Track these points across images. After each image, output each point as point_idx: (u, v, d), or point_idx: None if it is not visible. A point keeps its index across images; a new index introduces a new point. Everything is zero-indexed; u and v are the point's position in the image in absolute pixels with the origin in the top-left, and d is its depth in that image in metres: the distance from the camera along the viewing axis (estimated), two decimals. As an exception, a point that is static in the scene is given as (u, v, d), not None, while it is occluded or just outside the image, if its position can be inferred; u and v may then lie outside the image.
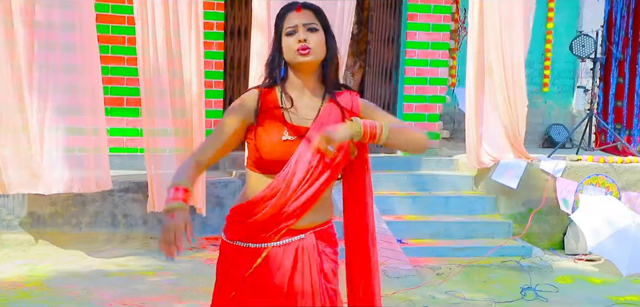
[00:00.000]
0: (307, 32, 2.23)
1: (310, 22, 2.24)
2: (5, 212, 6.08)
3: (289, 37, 2.23)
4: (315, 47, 2.23)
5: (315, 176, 2.21)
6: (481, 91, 6.85)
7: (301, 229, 2.25)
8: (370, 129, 2.20)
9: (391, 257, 5.68)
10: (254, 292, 2.23)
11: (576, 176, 6.88)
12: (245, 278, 2.24)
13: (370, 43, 8.21)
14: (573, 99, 9.87)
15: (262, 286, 2.23)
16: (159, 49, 5.82)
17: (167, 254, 2.09)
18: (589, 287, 5.67)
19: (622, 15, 8.91)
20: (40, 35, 5.41)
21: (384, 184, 7.07)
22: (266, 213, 2.21)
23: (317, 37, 2.24)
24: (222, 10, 7.32)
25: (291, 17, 2.25)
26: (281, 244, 2.24)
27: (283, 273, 2.23)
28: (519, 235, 6.68)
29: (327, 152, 2.15)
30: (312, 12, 2.27)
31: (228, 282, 2.27)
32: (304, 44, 2.21)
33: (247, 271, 2.23)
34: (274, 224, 2.22)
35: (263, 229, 2.23)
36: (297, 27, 2.23)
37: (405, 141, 2.33)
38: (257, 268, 2.23)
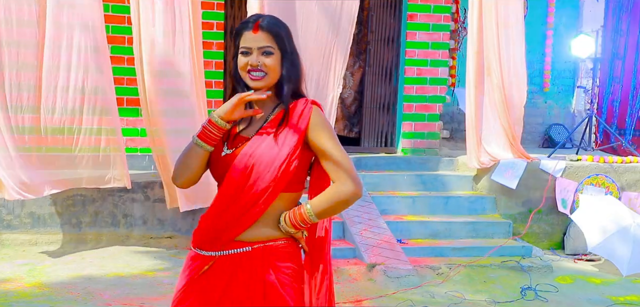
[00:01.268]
0: (261, 55, 2.17)
1: (266, 46, 2.18)
2: (5, 212, 6.08)
3: (243, 57, 2.19)
4: (269, 71, 2.18)
5: (250, 189, 2.17)
6: (481, 91, 6.86)
7: (249, 241, 2.20)
8: (296, 221, 2.20)
9: (391, 257, 5.68)
10: (195, 298, 2.25)
11: (576, 176, 6.89)
12: (195, 282, 2.25)
13: (370, 43, 8.21)
14: (573, 99, 9.87)
15: (208, 293, 2.23)
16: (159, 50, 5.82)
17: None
18: (589, 287, 5.67)
19: (621, 16, 8.93)
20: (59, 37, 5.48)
21: (384, 184, 7.08)
22: (212, 223, 2.23)
23: (271, 60, 2.18)
24: (222, 10, 7.33)
25: (246, 37, 2.19)
26: (227, 254, 2.21)
27: (226, 283, 2.21)
28: (519, 235, 6.68)
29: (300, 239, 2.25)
30: (268, 34, 2.19)
31: (181, 283, 2.30)
32: (255, 67, 2.17)
33: (195, 275, 2.25)
34: (217, 235, 2.21)
35: (210, 238, 2.23)
36: (251, 49, 2.18)
37: (334, 209, 2.22)
38: (205, 274, 2.24)
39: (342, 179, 2.19)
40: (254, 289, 2.18)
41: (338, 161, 2.20)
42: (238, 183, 2.17)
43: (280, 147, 2.17)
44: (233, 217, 2.19)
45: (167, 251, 6.03)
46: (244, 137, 2.23)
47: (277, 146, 2.17)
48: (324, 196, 2.21)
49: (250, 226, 2.19)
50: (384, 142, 8.14)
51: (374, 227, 6.17)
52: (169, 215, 6.37)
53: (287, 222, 2.21)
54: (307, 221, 2.20)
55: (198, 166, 2.24)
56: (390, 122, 8.09)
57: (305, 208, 2.19)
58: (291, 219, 2.20)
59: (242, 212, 2.18)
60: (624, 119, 9.06)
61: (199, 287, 2.25)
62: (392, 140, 8.11)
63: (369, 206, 6.52)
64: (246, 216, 2.18)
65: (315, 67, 6.06)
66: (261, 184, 2.16)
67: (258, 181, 2.16)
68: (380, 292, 5.14)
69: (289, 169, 2.18)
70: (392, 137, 8.11)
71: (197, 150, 2.21)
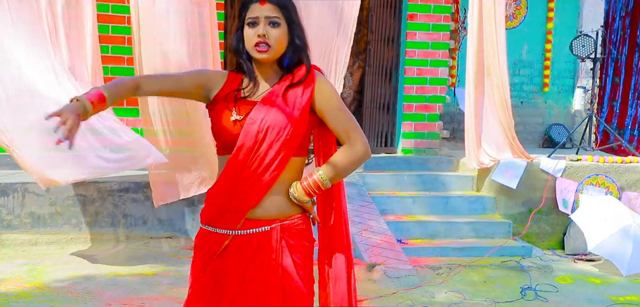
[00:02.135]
0: (268, 26, 2.18)
1: (273, 16, 2.19)
2: (5, 212, 6.08)
3: (250, 29, 2.20)
4: (275, 43, 2.19)
5: (263, 150, 2.16)
6: (480, 91, 6.86)
7: (266, 219, 2.20)
8: (311, 188, 2.21)
9: (391, 257, 5.68)
10: (214, 277, 2.22)
11: (576, 176, 6.89)
12: (213, 261, 2.23)
13: (370, 43, 8.21)
14: (573, 99, 9.87)
15: (222, 272, 2.21)
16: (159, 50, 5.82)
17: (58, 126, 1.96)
18: (589, 287, 5.67)
19: (621, 16, 8.93)
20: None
21: (384, 184, 7.08)
22: (224, 196, 2.19)
23: (277, 32, 2.19)
24: (222, 10, 7.32)
25: (254, 8, 2.20)
26: (245, 233, 2.20)
27: (241, 263, 2.20)
28: (519, 235, 6.68)
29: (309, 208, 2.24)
30: (275, 5, 2.20)
31: (198, 264, 2.28)
32: (263, 38, 2.17)
33: (214, 254, 2.22)
34: (231, 208, 2.18)
35: (223, 213, 2.20)
36: (258, 19, 2.19)
37: (346, 171, 2.27)
38: (223, 254, 2.21)
39: (353, 140, 2.26)
40: (273, 272, 2.19)
41: (348, 122, 2.26)
42: (250, 149, 2.15)
43: (290, 110, 2.18)
44: (246, 185, 2.16)
45: (167, 251, 6.03)
46: (251, 102, 2.22)
47: (287, 110, 2.18)
48: (335, 159, 2.26)
49: (264, 198, 2.18)
50: (384, 142, 8.13)
51: (374, 227, 6.17)
52: (169, 215, 6.37)
53: (299, 190, 2.21)
54: (321, 187, 2.22)
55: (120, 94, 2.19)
56: (390, 122, 8.09)
57: (318, 174, 2.21)
58: (305, 187, 2.20)
59: (255, 180, 2.16)
60: (624, 119, 9.06)
61: (220, 268, 2.21)
62: (392, 140, 8.11)
63: (369, 206, 6.52)
64: (259, 184, 2.16)
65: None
66: (274, 149, 2.16)
67: (271, 145, 2.16)
68: (380, 292, 5.14)
69: (299, 133, 2.20)
70: (392, 137, 8.11)
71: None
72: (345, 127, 2.25)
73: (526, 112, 9.93)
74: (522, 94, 9.95)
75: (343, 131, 2.25)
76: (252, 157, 2.15)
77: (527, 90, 9.99)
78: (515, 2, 9.71)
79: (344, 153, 2.26)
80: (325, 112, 2.25)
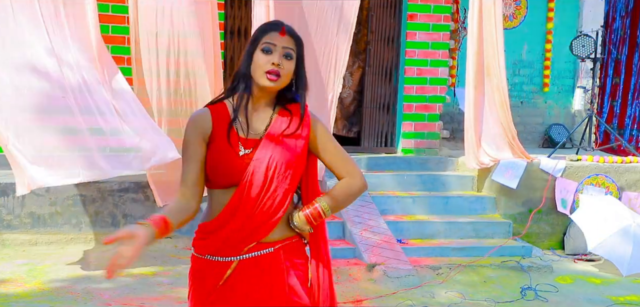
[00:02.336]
0: (283, 57, 2.20)
1: (290, 48, 2.22)
2: (5, 212, 6.08)
3: (263, 54, 2.20)
4: (284, 76, 2.21)
5: (273, 187, 2.20)
6: (480, 91, 6.86)
7: (270, 242, 2.24)
8: (313, 217, 2.25)
9: (391, 257, 5.68)
10: (222, 303, 2.24)
11: (576, 176, 6.89)
12: (217, 289, 2.24)
13: (370, 43, 8.21)
14: (573, 99, 9.87)
15: (231, 298, 2.23)
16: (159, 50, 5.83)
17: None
18: (589, 287, 5.67)
19: (621, 16, 8.93)
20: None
21: (384, 184, 7.08)
22: (230, 229, 2.20)
23: (289, 65, 2.22)
24: (222, 10, 7.32)
25: (273, 36, 2.21)
26: (250, 257, 2.23)
27: (250, 286, 2.23)
28: (519, 235, 6.68)
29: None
30: (293, 39, 2.24)
31: (201, 293, 2.28)
32: (276, 68, 2.18)
33: (218, 282, 2.24)
34: (240, 239, 2.21)
35: (230, 244, 2.22)
36: (276, 48, 2.20)
37: (345, 202, 2.35)
38: (227, 280, 2.23)
39: (353, 174, 2.33)
40: (281, 292, 2.24)
41: (346, 157, 2.34)
42: (261, 185, 2.18)
43: (293, 148, 2.23)
44: (257, 220, 2.19)
45: (167, 251, 6.02)
46: (253, 139, 2.23)
47: (291, 148, 2.23)
48: (336, 191, 2.31)
49: (273, 229, 2.23)
50: (384, 142, 8.14)
51: (374, 227, 6.17)
52: (169, 215, 6.36)
53: (302, 219, 2.25)
54: (322, 216, 2.27)
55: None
56: (390, 122, 8.09)
57: (321, 204, 2.26)
58: (307, 215, 2.25)
59: (268, 216, 2.20)
60: (624, 119, 9.06)
61: (227, 293, 2.23)
62: (392, 140, 8.11)
63: (369, 206, 6.52)
64: (271, 219, 2.21)
65: (316, 67, 6.06)
66: (283, 186, 2.21)
67: (281, 182, 2.20)
68: (380, 292, 5.14)
69: (301, 169, 2.27)
70: (392, 137, 8.11)
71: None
72: (344, 163, 2.33)
73: (526, 112, 9.93)
74: (522, 94, 9.95)
75: (342, 166, 2.33)
76: (263, 193, 2.18)
77: (527, 90, 9.99)
78: (515, 2, 9.71)
79: (346, 185, 2.33)
80: (322, 150, 2.31)
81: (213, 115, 2.23)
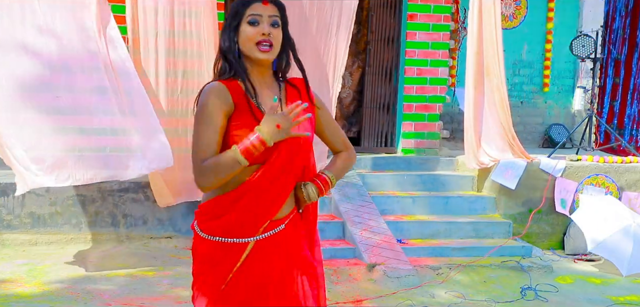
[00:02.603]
0: (271, 26, 2.19)
1: (275, 15, 2.20)
2: (5, 212, 6.09)
3: (250, 26, 2.17)
4: (276, 44, 2.20)
5: (296, 164, 2.23)
6: (480, 91, 6.86)
7: (280, 219, 2.24)
8: (324, 186, 2.31)
9: (391, 257, 5.68)
10: (245, 285, 2.20)
11: (576, 176, 6.89)
12: (234, 273, 2.20)
13: (370, 43, 8.21)
14: (573, 99, 9.87)
15: (252, 279, 2.20)
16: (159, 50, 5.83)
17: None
18: (589, 287, 5.67)
19: (621, 16, 8.93)
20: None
21: (384, 184, 7.08)
22: (244, 207, 2.16)
23: (278, 32, 2.21)
24: (222, 11, 7.32)
25: (256, 7, 2.18)
26: (266, 236, 2.21)
27: (273, 264, 2.21)
28: (519, 235, 6.68)
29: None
30: (276, 6, 2.22)
31: (216, 279, 2.23)
32: (267, 38, 2.17)
33: (234, 266, 2.20)
34: (255, 219, 2.18)
35: (243, 224, 2.17)
36: (262, 18, 2.18)
37: (343, 173, 2.45)
38: (245, 261, 2.19)
39: (349, 148, 2.47)
40: (303, 261, 2.30)
41: (341, 132, 2.47)
42: (286, 160, 2.18)
43: (306, 123, 2.23)
44: (273, 198, 2.19)
45: (167, 251, 6.03)
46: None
47: (307, 124, 2.24)
48: (339, 163, 2.41)
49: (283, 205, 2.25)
50: (384, 142, 8.14)
51: (374, 227, 6.17)
52: (169, 215, 6.38)
53: (314, 191, 2.28)
54: (330, 186, 2.35)
55: (232, 176, 2.15)
56: (390, 122, 8.09)
57: (329, 176, 2.33)
58: (319, 185, 2.30)
59: (282, 191, 2.21)
60: (624, 119, 9.05)
61: (247, 275, 2.20)
62: (392, 140, 8.11)
63: (369, 206, 6.52)
64: (284, 194, 2.22)
65: (315, 66, 6.06)
66: (300, 161, 2.25)
67: (298, 157, 2.23)
68: (380, 292, 5.14)
69: (312, 143, 2.33)
70: (392, 137, 8.11)
71: (238, 165, 2.11)
72: (341, 137, 2.45)
73: (526, 112, 9.93)
74: (522, 94, 9.96)
75: (340, 140, 2.44)
76: (286, 169, 2.19)
77: (527, 90, 9.99)
78: (515, 2, 9.71)
79: (346, 158, 2.44)
80: (325, 125, 2.40)
81: (230, 90, 2.18)
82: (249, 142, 2.08)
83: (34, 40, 5.25)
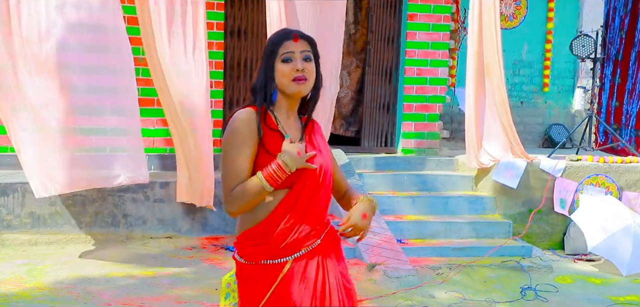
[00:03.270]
0: (303, 61, 2.31)
1: (307, 50, 2.33)
2: (5, 212, 6.08)
3: (285, 64, 2.30)
4: (310, 77, 2.32)
5: (323, 194, 2.35)
6: (481, 91, 6.86)
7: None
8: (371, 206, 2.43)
9: (391, 257, 5.67)
10: (283, 300, 2.30)
11: (576, 176, 6.89)
12: (274, 290, 2.30)
13: (370, 43, 8.21)
14: (573, 99, 9.87)
15: (290, 296, 2.30)
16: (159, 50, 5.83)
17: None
18: (589, 287, 5.67)
19: (621, 16, 8.93)
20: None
21: (384, 184, 7.08)
22: (285, 233, 2.28)
23: (311, 66, 2.33)
24: (222, 10, 7.33)
25: (288, 45, 2.31)
26: (302, 253, 2.32)
27: (310, 280, 2.32)
28: (519, 235, 6.68)
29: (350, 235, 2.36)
30: (307, 42, 2.35)
31: (253, 294, 2.34)
32: (301, 73, 2.29)
33: (272, 284, 2.30)
34: (296, 242, 2.30)
35: (286, 247, 2.29)
36: (294, 55, 2.30)
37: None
38: (283, 279, 2.30)
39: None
40: (338, 277, 2.39)
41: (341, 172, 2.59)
42: (314, 188, 2.32)
43: (327, 153, 2.43)
44: (312, 222, 2.32)
45: (167, 251, 6.03)
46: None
47: (326, 153, 2.43)
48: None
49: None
50: (384, 142, 8.13)
51: (374, 227, 6.17)
52: (169, 215, 6.38)
53: (374, 202, 2.45)
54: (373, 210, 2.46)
55: (259, 202, 2.28)
56: (390, 122, 8.09)
57: (369, 196, 2.46)
58: (367, 206, 2.41)
59: (319, 209, 2.35)
60: (624, 119, 9.05)
61: (284, 292, 2.30)
62: (392, 140, 8.11)
63: (369, 206, 6.51)
64: (322, 212, 2.37)
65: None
66: (329, 186, 2.40)
67: (329, 185, 2.40)
68: (380, 292, 5.14)
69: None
70: (392, 137, 8.11)
71: (263, 191, 2.24)
72: (345, 179, 2.59)
73: (526, 112, 9.93)
74: (522, 94, 9.96)
75: (345, 182, 2.56)
76: (317, 196, 2.33)
77: (527, 90, 9.99)
78: (515, 2, 9.71)
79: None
80: (334, 166, 2.51)
81: (260, 118, 2.30)
82: (271, 169, 2.23)
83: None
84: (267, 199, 2.28)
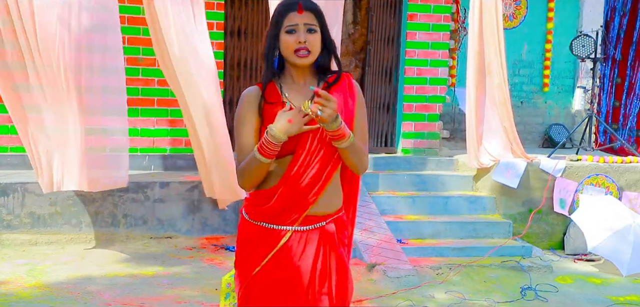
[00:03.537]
0: (307, 33, 2.32)
1: (311, 23, 2.33)
2: (5, 212, 6.09)
3: (289, 35, 2.32)
4: (313, 49, 2.34)
5: (314, 156, 2.33)
6: (481, 91, 6.86)
7: (321, 215, 2.38)
8: (345, 126, 2.32)
9: (391, 257, 5.68)
10: (276, 271, 2.36)
11: (576, 176, 6.89)
12: (272, 256, 2.36)
13: (370, 43, 8.21)
14: (573, 99, 9.88)
15: (284, 266, 2.36)
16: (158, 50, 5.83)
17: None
18: (589, 287, 5.67)
19: (621, 15, 8.92)
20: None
21: (384, 184, 7.08)
22: (283, 196, 2.33)
23: (314, 38, 2.34)
24: (222, 10, 7.33)
25: (292, 17, 2.32)
26: (304, 230, 2.37)
27: (307, 258, 2.36)
28: (519, 235, 6.68)
29: (315, 112, 2.21)
30: (312, 13, 2.35)
31: (251, 259, 2.39)
32: (303, 45, 2.31)
33: (272, 250, 2.35)
34: (291, 209, 2.34)
35: (282, 213, 2.34)
36: (298, 27, 2.32)
37: (356, 157, 2.39)
38: (281, 248, 2.35)
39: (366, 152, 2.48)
40: (338, 260, 2.41)
41: (365, 135, 2.46)
42: (314, 152, 2.32)
43: (347, 113, 2.37)
44: (310, 186, 2.33)
45: (167, 251, 6.03)
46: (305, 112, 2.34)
47: (347, 113, 2.38)
48: (357, 142, 2.38)
49: (321, 196, 2.36)
50: (384, 142, 8.14)
51: (374, 227, 6.17)
52: (169, 215, 6.38)
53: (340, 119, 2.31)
54: (347, 136, 2.32)
55: (264, 173, 2.34)
56: (390, 122, 8.10)
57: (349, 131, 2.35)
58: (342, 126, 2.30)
59: (319, 180, 2.34)
60: (624, 119, 9.06)
61: (283, 262, 2.36)
62: (392, 140, 8.11)
63: (369, 206, 6.52)
64: (322, 183, 2.34)
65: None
66: (333, 149, 2.34)
67: (330, 146, 2.33)
68: (380, 292, 5.14)
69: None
70: (392, 137, 8.11)
71: (258, 162, 2.29)
72: (364, 138, 2.45)
73: (526, 112, 9.93)
74: (522, 94, 9.96)
75: (362, 140, 2.43)
76: (305, 159, 2.33)
77: (527, 90, 9.99)
78: (515, 2, 9.71)
79: (363, 148, 2.43)
80: (357, 119, 2.43)
81: (265, 92, 2.36)
82: (263, 141, 2.27)
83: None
84: (271, 166, 2.33)
